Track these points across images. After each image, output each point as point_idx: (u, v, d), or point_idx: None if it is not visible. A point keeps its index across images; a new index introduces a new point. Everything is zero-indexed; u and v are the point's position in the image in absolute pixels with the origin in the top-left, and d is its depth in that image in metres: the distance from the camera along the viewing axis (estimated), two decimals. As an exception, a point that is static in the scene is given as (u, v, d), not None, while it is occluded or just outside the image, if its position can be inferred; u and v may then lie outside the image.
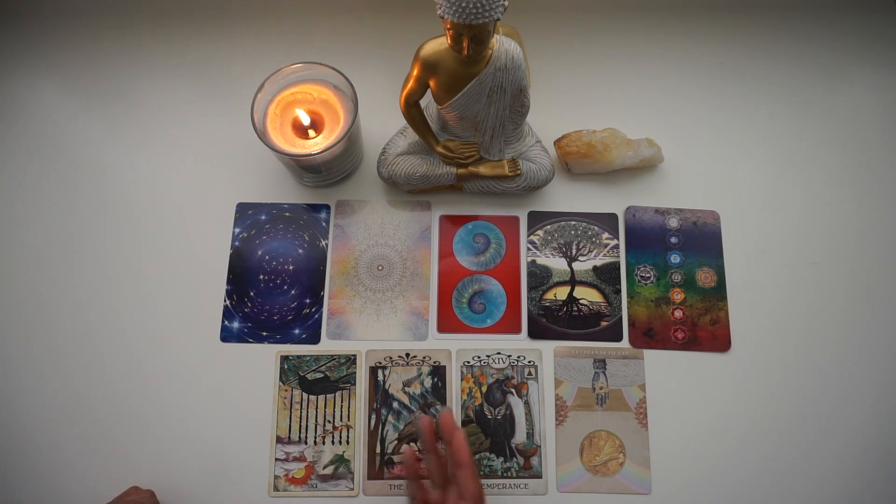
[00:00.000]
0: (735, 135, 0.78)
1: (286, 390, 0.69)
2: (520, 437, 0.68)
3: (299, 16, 0.82)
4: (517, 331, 0.71)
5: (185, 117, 0.78)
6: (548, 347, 0.71)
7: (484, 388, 0.69)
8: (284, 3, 0.82)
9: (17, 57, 0.81)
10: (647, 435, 0.68)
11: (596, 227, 0.74)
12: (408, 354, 0.70)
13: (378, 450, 0.68)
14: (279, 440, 0.68)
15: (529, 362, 0.70)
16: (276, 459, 0.67)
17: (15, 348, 0.70)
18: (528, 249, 0.74)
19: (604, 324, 0.71)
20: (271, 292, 0.72)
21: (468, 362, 0.70)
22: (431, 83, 0.64)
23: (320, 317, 0.72)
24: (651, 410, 0.69)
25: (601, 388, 0.69)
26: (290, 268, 0.73)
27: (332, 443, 0.68)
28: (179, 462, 0.67)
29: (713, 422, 0.68)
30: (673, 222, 0.74)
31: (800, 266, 0.73)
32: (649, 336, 0.71)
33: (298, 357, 0.70)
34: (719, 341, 0.71)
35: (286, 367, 0.70)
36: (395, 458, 0.67)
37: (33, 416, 0.69)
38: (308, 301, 0.72)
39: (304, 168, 0.71)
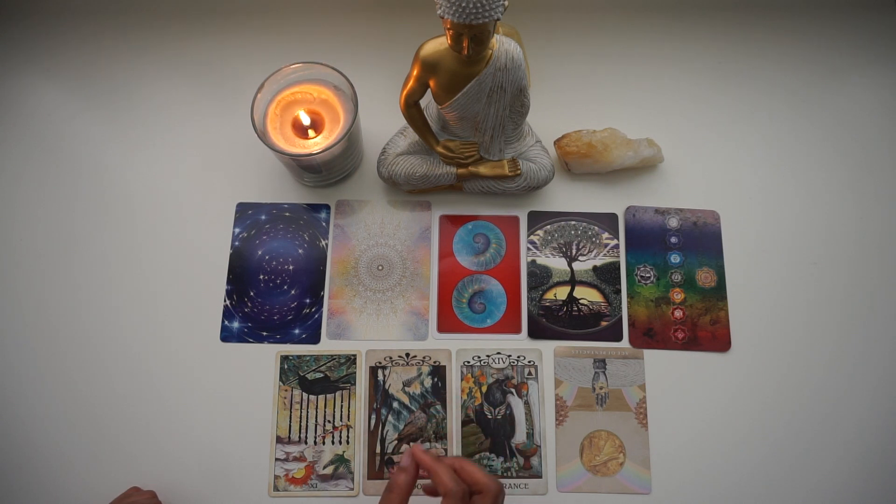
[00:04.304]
0: (735, 135, 0.78)
1: (286, 390, 0.69)
2: (520, 437, 0.68)
3: (299, 16, 0.82)
4: (517, 331, 0.71)
5: (185, 117, 0.78)
6: (548, 347, 0.71)
7: (484, 388, 0.69)
8: (284, 3, 0.82)
9: (17, 57, 0.81)
10: (647, 435, 0.68)
11: (596, 227, 0.74)
12: (408, 354, 0.70)
13: (378, 450, 0.68)
14: (279, 440, 0.68)
15: (529, 362, 0.70)
16: (276, 459, 0.67)
17: (15, 348, 0.70)
18: (528, 249, 0.74)
19: (604, 324, 0.71)
20: (271, 292, 0.72)
21: (468, 362, 0.70)
22: (431, 83, 0.64)
23: (320, 317, 0.72)
24: (651, 410, 0.69)
25: (601, 388, 0.69)
26: (290, 268, 0.73)
27: (332, 443, 0.68)
28: (179, 462, 0.67)
29: (713, 422, 0.68)
30: (673, 222, 0.74)
31: (800, 266, 0.73)
32: (649, 336, 0.71)
33: (298, 357, 0.70)
34: (719, 341, 0.71)
35: (286, 367, 0.70)
36: (396, 459, 0.68)
37: (33, 416, 0.69)
38: (308, 301, 0.72)
39: (304, 168, 0.71)
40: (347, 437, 0.68)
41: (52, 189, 0.76)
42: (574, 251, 0.74)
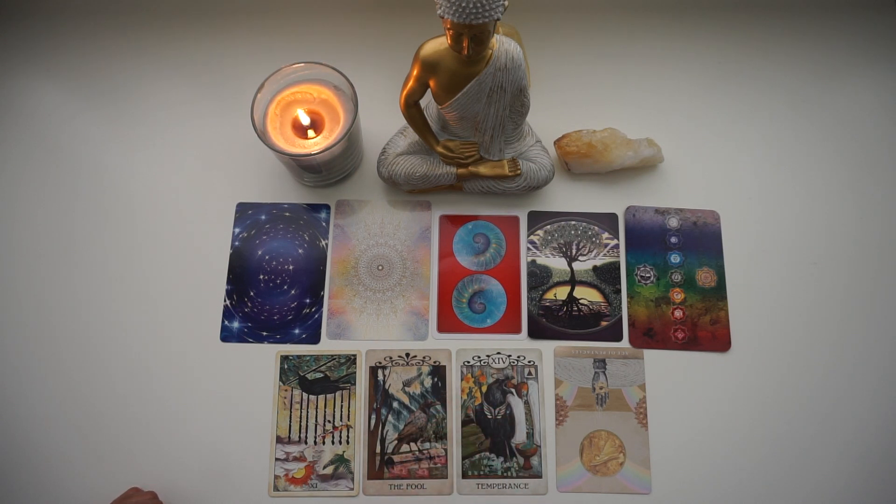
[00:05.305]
0: (735, 135, 0.78)
1: (286, 390, 0.69)
2: (520, 437, 0.68)
3: (299, 16, 0.82)
4: (517, 331, 0.71)
5: (185, 117, 0.78)
6: (548, 347, 0.71)
7: (484, 388, 0.69)
8: (284, 3, 0.82)
9: (17, 57, 0.81)
10: (647, 435, 0.68)
11: (596, 227, 0.74)
12: (408, 354, 0.70)
13: (378, 450, 0.68)
14: (279, 440, 0.68)
15: (529, 362, 0.70)
16: (276, 459, 0.67)
17: (15, 348, 0.70)
18: (528, 249, 0.74)
19: (604, 324, 0.71)
20: (271, 292, 0.72)
21: (468, 362, 0.70)
22: (431, 83, 0.64)
23: (320, 317, 0.72)
24: (651, 410, 0.69)
25: (601, 388, 0.69)
26: (290, 268, 0.73)
27: (332, 443, 0.68)
28: (179, 462, 0.67)
29: (713, 422, 0.68)
30: (673, 222, 0.74)
31: (800, 266, 0.73)
32: (649, 336, 0.71)
33: (298, 357, 0.70)
34: (719, 341, 0.71)
35: (286, 367, 0.70)
36: (395, 459, 0.68)
37: (33, 416, 0.69)
38: (308, 301, 0.72)
39: (304, 168, 0.71)
40: (347, 437, 0.68)
41: (52, 189, 0.76)
42: (574, 251, 0.74)
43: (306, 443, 0.68)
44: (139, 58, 0.81)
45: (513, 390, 0.69)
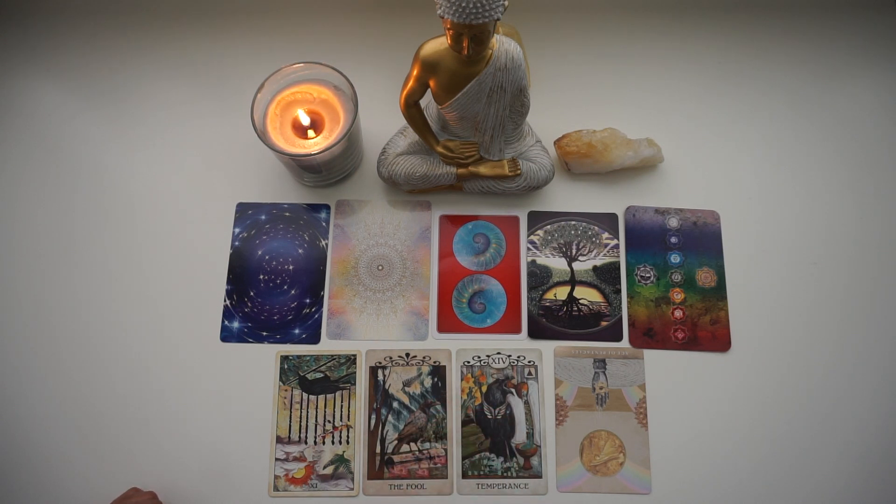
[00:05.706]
0: (735, 135, 0.78)
1: (286, 390, 0.69)
2: (520, 437, 0.68)
3: (299, 16, 0.82)
4: (517, 331, 0.71)
5: (185, 117, 0.78)
6: (548, 347, 0.71)
7: (484, 388, 0.69)
8: (284, 3, 0.82)
9: (17, 57, 0.81)
10: (647, 435, 0.68)
11: (596, 227, 0.74)
12: (408, 354, 0.70)
13: (378, 450, 0.68)
14: (279, 440, 0.68)
15: (529, 362, 0.70)
16: (276, 459, 0.67)
17: (15, 348, 0.70)
18: (528, 249, 0.74)
19: (604, 324, 0.71)
20: (271, 292, 0.72)
21: (468, 362, 0.70)
22: (431, 83, 0.64)
23: (320, 317, 0.72)
24: (651, 410, 0.69)
25: (601, 388, 0.69)
26: (290, 268, 0.73)
27: (332, 443, 0.68)
28: (179, 462, 0.67)
29: (713, 422, 0.68)
30: (673, 222, 0.74)
31: (800, 266, 0.73)
32: (649, 336, 0.71)
33: (298, 357, 0.70)
34: (719, 341, 0.71)
35: (286, 367, 0.70)
36: (395, 459, 0.68)
37: (33, 416, 0.69)
38: (308, 301, 0.72)
39: (304, 168, 0.71)
40: (347, 437, 0.68)
41: (52, 189, 0.76)
42: (574, 251, 0.74)
43: (306, 443, 0.68)
44: (139, 58, 0.81)
45: (513, 390, 0.69)
